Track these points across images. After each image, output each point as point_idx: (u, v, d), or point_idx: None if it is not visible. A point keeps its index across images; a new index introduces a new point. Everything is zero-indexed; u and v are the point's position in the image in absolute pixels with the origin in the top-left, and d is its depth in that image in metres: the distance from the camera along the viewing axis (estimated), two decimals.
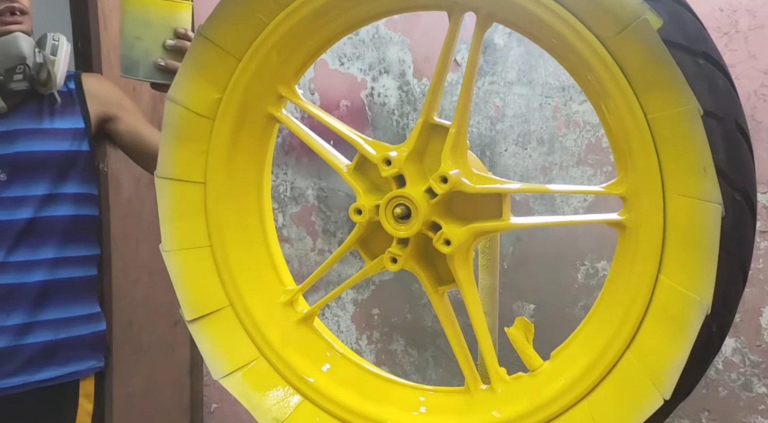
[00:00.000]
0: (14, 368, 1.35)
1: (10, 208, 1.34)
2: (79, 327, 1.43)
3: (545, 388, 0.84)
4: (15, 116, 1.37)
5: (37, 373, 1.37)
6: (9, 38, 1.30)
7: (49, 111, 1.39)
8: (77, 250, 1.42)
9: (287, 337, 0.97)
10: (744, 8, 1.47)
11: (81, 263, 1.43)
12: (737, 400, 1.55)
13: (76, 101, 1.43)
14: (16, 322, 1.35)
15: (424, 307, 1.90)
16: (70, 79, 1.45)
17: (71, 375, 1.41)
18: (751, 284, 1.51)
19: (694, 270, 0.71)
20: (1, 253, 1.34)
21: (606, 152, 1.63)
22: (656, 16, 0.69)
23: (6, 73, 1.31)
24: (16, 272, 1.35)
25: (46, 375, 1.38)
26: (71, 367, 1.41)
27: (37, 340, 1.37)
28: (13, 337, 1.35)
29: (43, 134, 1.38)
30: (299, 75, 0.96)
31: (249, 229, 0.99)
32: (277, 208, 2.09)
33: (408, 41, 1.85)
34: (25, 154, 1.35)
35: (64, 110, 1.41)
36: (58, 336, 1.39)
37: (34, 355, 1.37)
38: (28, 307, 1.36)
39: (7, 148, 1.35)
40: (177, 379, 2.25)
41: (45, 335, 1.38)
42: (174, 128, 0.94)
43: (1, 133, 1.35)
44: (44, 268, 1.37)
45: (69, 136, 1.40)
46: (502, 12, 0.81)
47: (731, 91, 0.73)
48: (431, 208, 0.86)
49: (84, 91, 1.45)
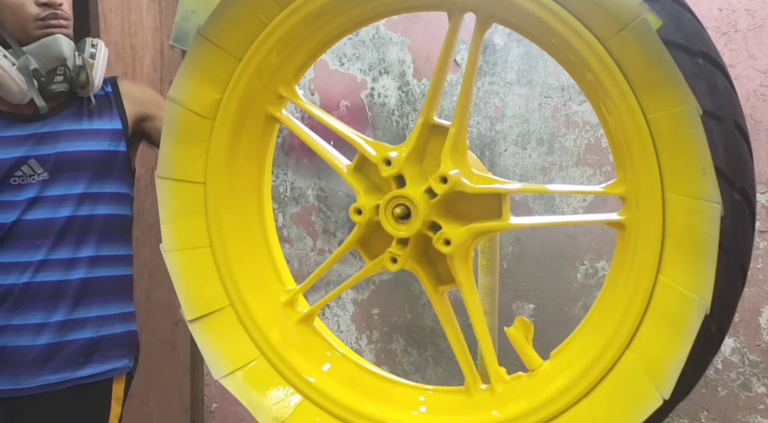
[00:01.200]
0: (58, 365, 1.38)
1: (53, 206, 1.37)
2: (116, 325, 1.45)
3: (545, 387, 0.84)
4: (56, 118, 1.40)
5: (78, 370, 1.40)
6: (50, 40, 1.34)
7: (87, 112, 1.43)
8: (114, 249, 1.45)
9: (287, 337, 0.97)
10: (743, 8, 1.47)
11: (118, 262, 1.46)
12: (736, 399, 1.55)
13: (113, 103, 1.47)
14: (59, 319, 1.38)
15: (423, 307, 1.91)
16: (106, 83, 1.49)
17: (108, 373, 1.44)
18: (750, 284, 1.51)
19: (694, 270, 0.71)
20: (44, 250, 1.37)
21: (605, 152, 1.64)
22: (655, 16, 0.70)
23: (47, 74, 1.35)
24: (58, 269, 1.38)
25: (87, 372, 1.41)
26: (109, 365, 1.44)
27: (79, 336, 1.40)
28: (57, 333, 1.37)
29: (83, 135, 1.41)
30: (299, 75, 0.97)
31: (249, 229, 1.00)
32: (277, 208, 2.09)
33: (408, 41, 1.85)
34: (66, 154, 1.38)
35: (102, 112, 1.45)
36: (99, 333, 1.42)
37: (76, 352, 1.39)
38: (71, 304, 1.39)
39: (50, 148, 1.38)
40: (177, 379, 2.25)
41: (87, 332, 1.40)
42: (174, 128, 0.94)
43: (43, 134, 1.38)
44: (84, 265, 1.40)
45: (108, 136, 1.44)
46: (502, 12, 0.81)
47: (730, 90, 0.73)
48: (431, 208, 0.86)
49: (120, 93, 1.49)
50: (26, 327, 1.36)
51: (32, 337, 1.36)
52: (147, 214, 2.05)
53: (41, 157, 1.37)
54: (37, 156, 1.37)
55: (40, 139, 1.38)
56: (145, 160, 1.55)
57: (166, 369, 2.21)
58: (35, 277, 1.36)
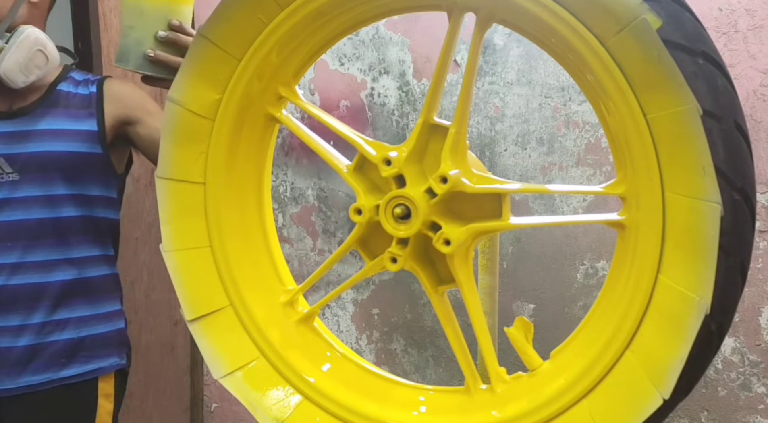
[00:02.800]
0: (40, 365, 1.37)
1: (24, 208, 1.35)
2: (100, 325, 1.45)
3: (545, 387, 0.84)
4: (29, 117, 1.37)
5: (61, 371, 1.39)
6: None
7: (63, 113, 1.40)
8: (95, 250, 1.43)
9: (287, 337, 0.97)
10: (743, 8, 1.47)
11: (100, 262, 1.45)
12: (736, 399, 1.55)
13: (94, 105, 1.43)
14: (39, 321, 1.37)
15: (423, 307, 1.91)
16: (92, 83, 1.45)
17: (92, 372, 1.43)
18: (750, 284, 1.51)
19: (693, 270, 0.71)
20: (17, 252, 1.35)
21: (605, 152, 1.64)
22: (655, 16, 0.70)
23: None
24: (35, 272, 1.36)
25: (70, 372, 1.40)
26: (93, 365, 1.43)
27: (60, 337, 1.39)
28: (37, 335, 1.37)
29: (56, 135, 1.38)
30: (299, 75, 0.97)
31: (249, 229, 1.00)
32: (277, 208, 2.09)
33: (408, 41, 1.85)
34: (36, 154, 1.35)
35: (79, 112, 1.41)
36: (80, 334, 1.41)
37: (58, 353, 1.39)
38: (50, 305, 1.38)
39: (20, 147, 1.35)
40: (177, 379, 2.26)
41: (68, 333, 1.40)
42: (174, 129, 0.94)
43: (13, 133, 1.35)
44: (64, 267, 1.39)
45: (81, 137, 1.40)
46: (502, 12, 0.81)
47: (730, 90, 0.73)
48: (431, 208, 0.86)
49: (104, 95, 1.44)
50: (5, 329, 1.35)
51: (12, 338, 1.35)
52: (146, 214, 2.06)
53: (10, 156, 1.34)
54: (6, 155, 1.34)
55: (10, 137, 1.35)
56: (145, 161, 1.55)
57: (166, 369, 2.21)
58: (10, 279, 1.35)
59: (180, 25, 1.23)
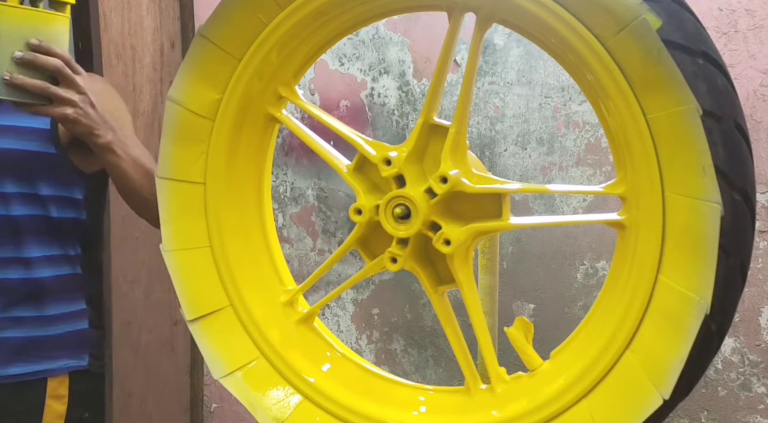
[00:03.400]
0: None
1: None
2: (60, 325, 1.41)
3: (545, 387, 0.84)
4: None
5: (10, 368, 1.36)
6: None
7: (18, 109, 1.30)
8: (56, 249, 1.39)
9: (287, 337, 0.97)
10: (743, 8, 1.47)
11: (60, 262, 1.41)
12: (736, 399, 1.55)
13: None
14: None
15: (423, 307, 1.91)
16: None
17: (41, 373, 1.39)
18: (750, 284, 1.51)
19: (693, 270, 0.71)
20: None
21: (605, 152, 1.64)
22: (655, 16, 0.70)
23: None
24: None
25: (18, 370, 1.37)
26: (44, 365, 1.39)
27: (14, 335, 1.36)
28: None
29: (6, 131, 1.33)
30: (299, 75, 0.97)
31: (249, 229, 1.00)
32: (277, 208, 2.09)
33: (408, 41, 1.85)
34: None
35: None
36: (30, 334, 1.37)
37: (9, 350, 1.35)
38: (5, 302, 1.34)
39: None
40: (177, 379, 2.26)
41: (22, 331, 1.37)
42: (174, 129, 0.94)
43: None
44: (20, 266, 1.35)
45: (33, 135, 1.34)
46: (502, 12, 0.81)
47: (730, 90, 0.73)
48: (431, 208, 0.86)
49: None
50: None
51: None
52: None
53: None
54: None
55: None
56: None
57: (166, 369, 2.21)
58: None
59: (38, 44, 1.13)
